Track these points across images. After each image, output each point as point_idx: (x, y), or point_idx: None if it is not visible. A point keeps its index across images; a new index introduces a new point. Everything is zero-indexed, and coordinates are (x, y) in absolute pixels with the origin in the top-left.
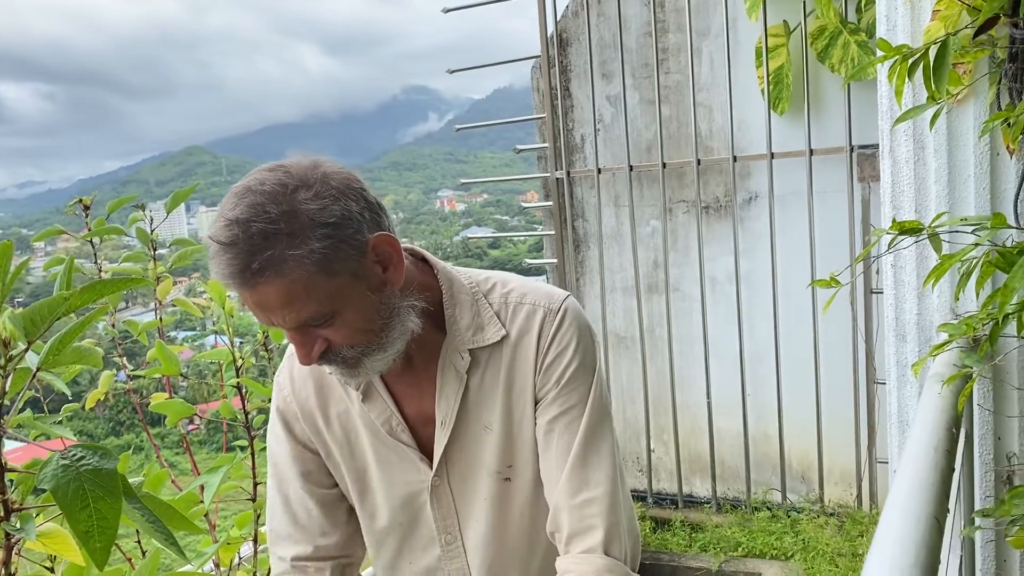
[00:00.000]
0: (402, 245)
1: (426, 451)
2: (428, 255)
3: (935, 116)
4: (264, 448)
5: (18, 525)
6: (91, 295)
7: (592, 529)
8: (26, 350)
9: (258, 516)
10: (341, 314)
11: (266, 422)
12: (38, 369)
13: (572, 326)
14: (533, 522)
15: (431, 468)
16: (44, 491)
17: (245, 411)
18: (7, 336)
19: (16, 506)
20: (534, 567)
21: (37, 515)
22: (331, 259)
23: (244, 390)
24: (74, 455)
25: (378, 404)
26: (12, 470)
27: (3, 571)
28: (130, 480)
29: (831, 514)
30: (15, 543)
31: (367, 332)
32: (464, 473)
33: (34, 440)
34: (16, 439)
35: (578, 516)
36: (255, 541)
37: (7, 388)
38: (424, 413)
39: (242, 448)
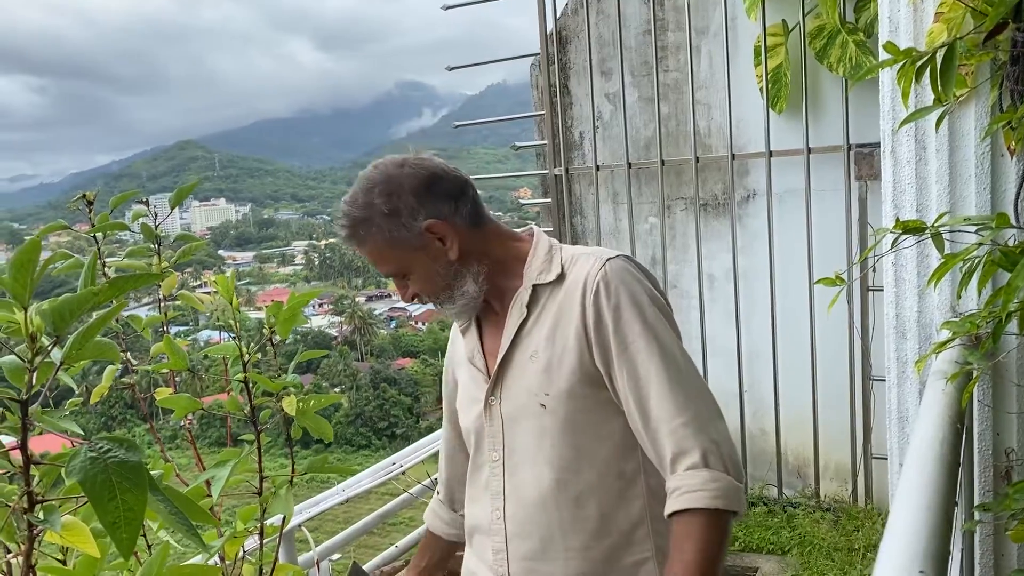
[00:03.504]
0: (517, 230)
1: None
2: (536, 230)
3: (940, 118)
4: (269, 441)
5: (42, 516)
6: (115, 291)
7: (690, 450)
8: (55, 344)
9: (264, 510)
10: (411, 274)
11: (271, 417)
12: (61, 363)
13: (619, 270)
14: (560, 460)
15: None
16: (63, 484)
17: (252, 405)
18: (34, 330)
19: (39, 498)
20: (552, 512)
21: (59, 507)
22: (391, 238)
23: (250, 384)
24: (101, 447)
25: (470, 339)
26: (37, 463)
27: (26, 561)
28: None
29: (827, 509)
30: (38, 534)
31: (435, 287)
32: (513, 400)
33: (39, 434)
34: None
35: (675, 440)
36: (261, 535)
37: (33, 382)
38: (498, 348)
39: (248, 442)
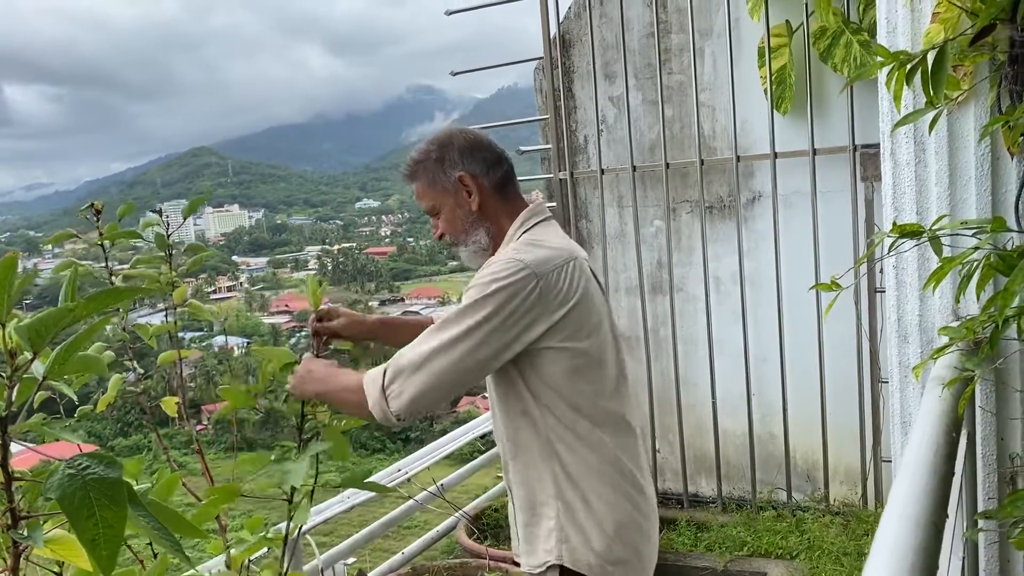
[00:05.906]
0: (536, 203)
1: None
2: (535, 214)
3: (934, 120)
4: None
5: (25, 533)
6: (97, 305)
7: (391, 361)
8: (31, 361)
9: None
10: (440, 212)
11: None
12: (44, 379)
13: (494, 271)
14: (500, 413)
15: None
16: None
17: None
18: (13, 346)
19: (24, 513)
20: (502, 440)
21: (45, 522)
22: (433, 179)
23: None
24: (80, 464)
25: None
26: (19, 478)
27: None
28: (139, 486)
29: (836, 513)
30: (23, 550)
31: (455, 229)
32: None
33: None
34: (21, 443)
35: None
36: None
37: (13, 398)
38: None
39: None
